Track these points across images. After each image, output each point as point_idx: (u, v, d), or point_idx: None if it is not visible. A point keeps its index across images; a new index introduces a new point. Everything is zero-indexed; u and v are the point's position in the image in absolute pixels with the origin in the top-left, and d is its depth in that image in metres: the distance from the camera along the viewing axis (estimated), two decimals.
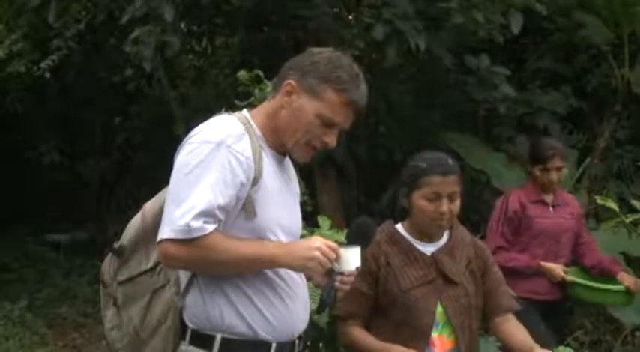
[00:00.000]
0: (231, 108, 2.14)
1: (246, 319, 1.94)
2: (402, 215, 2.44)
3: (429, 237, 2.41)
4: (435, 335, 2.35)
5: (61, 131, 8.01)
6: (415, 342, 2.30)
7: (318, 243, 1.93)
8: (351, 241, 2.02)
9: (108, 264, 2.12)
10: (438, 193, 2.30)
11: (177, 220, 1.84)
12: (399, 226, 2.44)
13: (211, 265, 1.91)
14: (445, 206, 2.30)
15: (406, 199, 2.38)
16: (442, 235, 2.43)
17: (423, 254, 2.38)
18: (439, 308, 2.35)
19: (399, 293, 2.33)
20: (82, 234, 7.81)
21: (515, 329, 2.42)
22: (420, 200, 2.33)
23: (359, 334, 2.39)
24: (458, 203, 2.35)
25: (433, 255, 2.38)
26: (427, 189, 2.31)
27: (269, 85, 3.75)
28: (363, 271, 2.22)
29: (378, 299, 2.38)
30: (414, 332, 2.32)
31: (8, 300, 6.23)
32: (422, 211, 2.33)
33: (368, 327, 2.40)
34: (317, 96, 1.96)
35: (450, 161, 2.36)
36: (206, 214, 1.84)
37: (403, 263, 2.36)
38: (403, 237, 2.41)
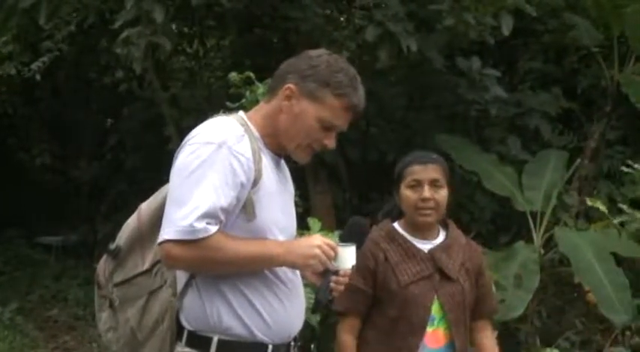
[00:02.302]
0: (224, 109, 2.14)
1: (244, 321, 1.95)
2: (399, 215, 2.50)
3: (423, 233, 2.45)
4: (430, 330, 2.38)
5: (52, 133, 7.98)
6: (410, 337, 2.35)
7: (318, 241, 1.96)
8: (345, 240, 2.04)
9: (103, 266, 2.11)
10: (419, 180, 2.39)
11: (180, 221, 1.84)
12: (396, 224, 2.49)
13: (214, 265, 1.91)
14: (427, 192, 2.37)
15: (397, 195, 2.45)
16: (438, 234, 2.48)
17: (419, 250, 2.43)
18: (435, 304, 2.39)
19: (397, 288, 2.37)
20: (73, 236, 7.78)
21: (487, 341, 2.51)
22: (404, 190, 2.41)
23: (346, 341, 2.43)
24: (443, 192, 2.41)
25: (430, 251, 2.43)
26: (409, 178, 2.40)
27: (260, 87, 3.76)
28: (361, 268, 2.27)
29: (375, 296, 2.41)
30: (410, 328, 2.36)
31: None
32: (407, 200, 2.41)
33: (365, 323, 2.44)
34: (317, 100, 1.98)
35: (433, 155, 2.46)
36: (209, 215, 1.85)
37: (401, 259, 2.41)
38: (400, 234, 2.45)
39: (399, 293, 2.37)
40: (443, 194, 2.41)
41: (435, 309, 2.39)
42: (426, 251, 2.43)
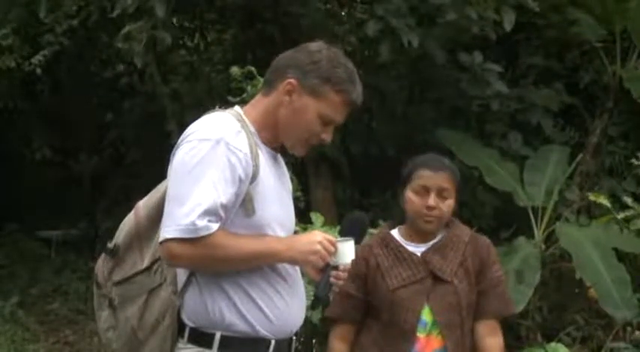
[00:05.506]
0: (220, 104, 2.13)
1: (246, 317, 1.95)
2: (402, 221, 2.44)
3: (421, 237, 2.39)
4: (422, 335, 2.32)
5: (52, 127, 7.96)
6: (400, 343, 2.30)
7: (319, 236, 1.97)
8: (344, 235, 2.05)
9: (101, 265, 2.10)
10: (427, 187, 2.31)
11: (182, 219, 1.84)
12: (394, 231, 2.44)
13: (216, 263, 1.91)
14: (432, 200, 2.30)
15: (401, 196, 2.38)
16: (436, 235, 2.40)
17: (412, 254, 2.37)
18: (426, 308, 2.32)
19: (387, 292, 2.33)
20: (73, 230, 7.77)
21: (488, 346, 2.38)
22: (409, 193, 2.34)
23: (337, 348, 2.40)
24: (449, 202, 2.33)
25: (423, 254, 2.36)
26: (416, 182, 2.33)
27: (262, 81, 3.74)
28: (352, 273, 2.21)
29: (368, 301, 2.38)
30: (400, 333, 2.31)
31: None
32: (411, 204, 2.34)
33: (361, 328, 2.40)
34: (319, 96, 1.98)
35: (445, 161, 2.38)
36: (210, 213, 1.85)
37: (392, 263, 2.36)
38: (394, 239, 2.41)
39: (387, 298, 2.32)
40: (449, 204, 2.33)
41: (426, 314, 2.32)
42: (418, 254, 2.36)
